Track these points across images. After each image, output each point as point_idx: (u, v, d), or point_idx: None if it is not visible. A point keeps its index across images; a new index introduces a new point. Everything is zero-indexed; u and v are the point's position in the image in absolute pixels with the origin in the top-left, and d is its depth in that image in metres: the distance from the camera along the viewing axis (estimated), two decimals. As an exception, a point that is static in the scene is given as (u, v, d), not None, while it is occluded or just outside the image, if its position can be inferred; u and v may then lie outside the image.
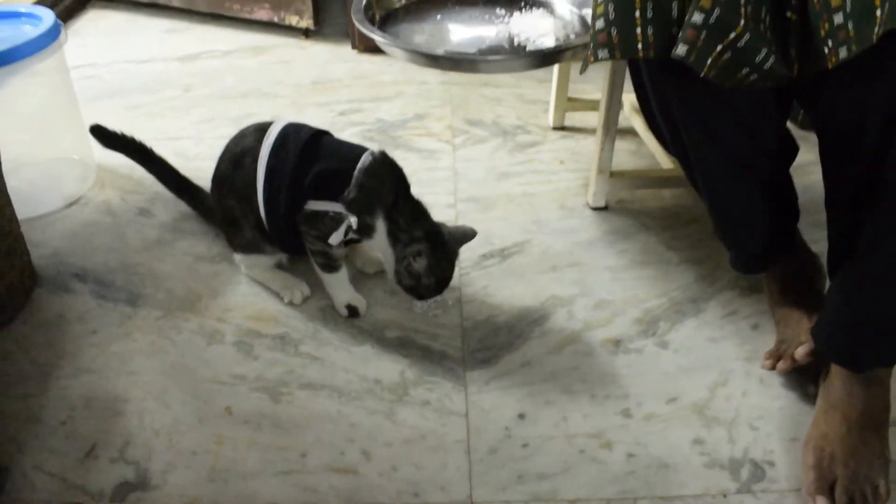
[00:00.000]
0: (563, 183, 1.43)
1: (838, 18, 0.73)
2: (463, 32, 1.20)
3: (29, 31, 1.27)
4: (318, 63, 1.91)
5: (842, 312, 0.90)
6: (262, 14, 2.04)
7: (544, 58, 1.10)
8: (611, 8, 0.82)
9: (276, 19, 2.03)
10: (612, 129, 1.26)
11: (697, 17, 0.76)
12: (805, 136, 1.32)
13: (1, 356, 1.07)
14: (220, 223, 1.20)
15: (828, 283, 0.94)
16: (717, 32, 0.76)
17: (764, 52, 0.77)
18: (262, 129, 1.10)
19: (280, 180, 1.05)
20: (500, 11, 1.26)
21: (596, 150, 1.28)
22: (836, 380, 0.93)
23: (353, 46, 1.96)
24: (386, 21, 1.28)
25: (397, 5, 1.31)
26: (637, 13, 0.80)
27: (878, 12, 0.69)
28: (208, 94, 1.76)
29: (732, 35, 0.76)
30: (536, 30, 1.17)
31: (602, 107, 1.24)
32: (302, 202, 1.05)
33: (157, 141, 1.46)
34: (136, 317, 1.14)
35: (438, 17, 1.28)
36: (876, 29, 0.69)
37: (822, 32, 0.74)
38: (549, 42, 1.13)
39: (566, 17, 1.23)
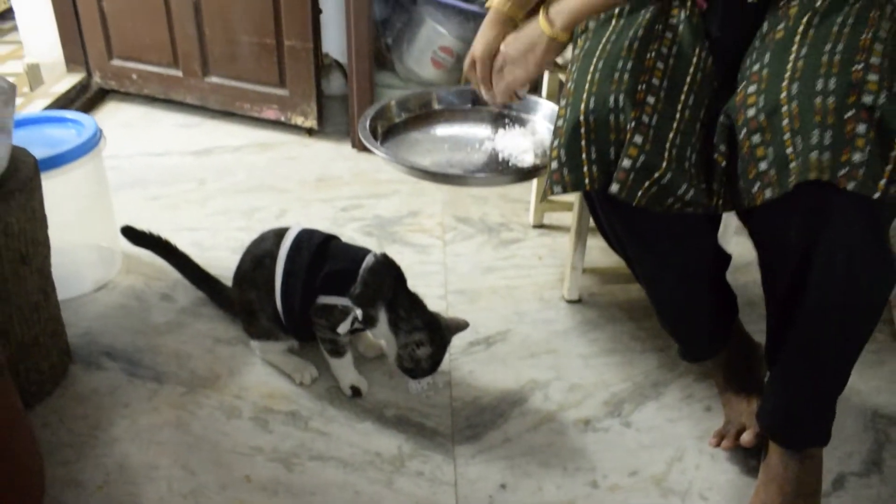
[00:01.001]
0: (542, 277, 1.60)
1: (763, 165, 0.91)
2: (454, 147, 1.38)
3: (75, 136, 1.45)
4: (321, 160, 2.10)
5: (780, 400, 1.07)
6: (270, 113, 2.24)
7: (524, 174, 1.29)
8: (562, 153, 1.01)
9: (282, 118, 2.23)
10: (584, 233, 1.44)
11: (626, 162, 0.96)
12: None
13: (43, 426, 1.20)
14: (239, 313, 1.36)
15: (767, 371, 1.11)
16: (643, 172, 0.95)
17: (685, 186, 0.96)
18: (279, 234, 1.28)
19: (296, 279, 1.22)
20: (486, 128, 1.45)
21: (569, 251, 1.47)
22: (775, 455, 1.09)
23: (353, 145, 2.16)
24: (387, 134, 1.46)
25: (397, 120, 1.49)
26: (583, 156, 1.00)
27: (793, 164, 0.88)
28: (221, 188, 1.94)
29: (657, 174, 0.95)
30: (518, 147, 1.36)
31: (574, 214, 1.43)
32: (314, 297, 1.21)
33: (176, 232, 1.63)
34: (163, 392, 1.28)
35: (432, 131, 1.47)
36: (791, 178, 0.88)
37: (751, 175, 0.93)
38: (528, 159, 1.31)
39: (545, 135, 1.42)
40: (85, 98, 2.43)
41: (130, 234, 1.49)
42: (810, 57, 0.92)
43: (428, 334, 1.20)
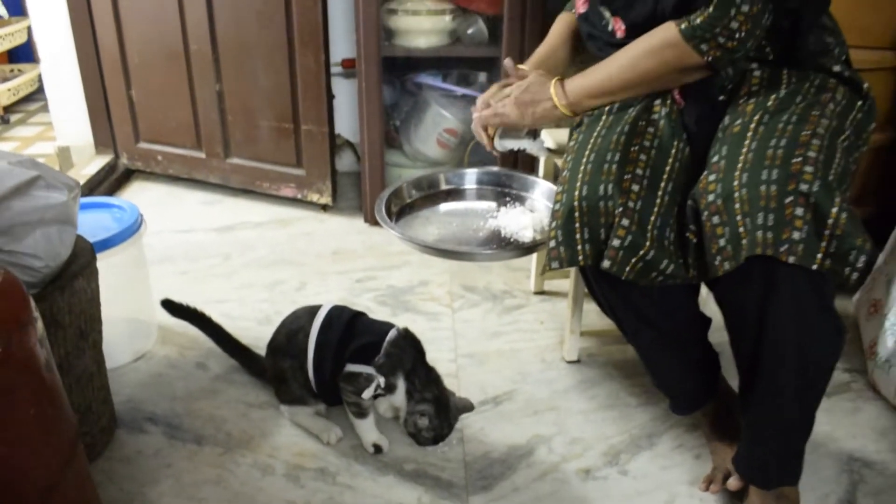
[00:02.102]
0: (543, 340, 1.75)
1: (722, 242, 1.07)
2: (462, 224, 1.54)
3: (119, 221, 1.61)
4: (336, 234, 2.26)
5: (751, 446, 1.21)
6: (288, 191, 2.41)
7: (526, 249, 1.44)
8: (559, 233, 1.17)
9: (299, 196, 2.40)
10: (580, 299, 1.59)
11: (616, 242, 1.11)
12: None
13: (96, 485, 1.33)
14: (272, 380, 1.50)
15: (744, 420, 1.25)
16: (630, 251, 1.11)
17: (666, 261, 1.12)
18: (312, 311, 1.43)
19: (327, 350, 1.37)
20: (489, 206, 1.61)
21: (568, 315, 1.62)
22: (755, 496, 1.23)
23: (366, 220, 2.32)
24: (400, 213, 1.62)
25: (409, 200, 1.65)
26: (577, 236, 1.16)
27: (744, 241, 1.04)
28: (245, 263, 2.09)
29: (641, 252, 1.11)
30: (518, 224, 1.51)
31: (571, 282, 1.59)
32: (343, 366, 1.36)
33: (206, 304, 1.77)
34: (202, 453, 1.41)
35: (441, 209, 1.62)
36: (743, 253, 1.04)
37: (713, 250, 1.08)
38: (528, 234, 1.47)
39: (543, 212, 1.58)
40: (112, 179, 2.61)
41: (169, 306, 1.64)
42: (759, 150, 1.08)
43: (433, 408, 1.35)
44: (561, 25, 1.49)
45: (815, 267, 1.02)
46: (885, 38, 1.73)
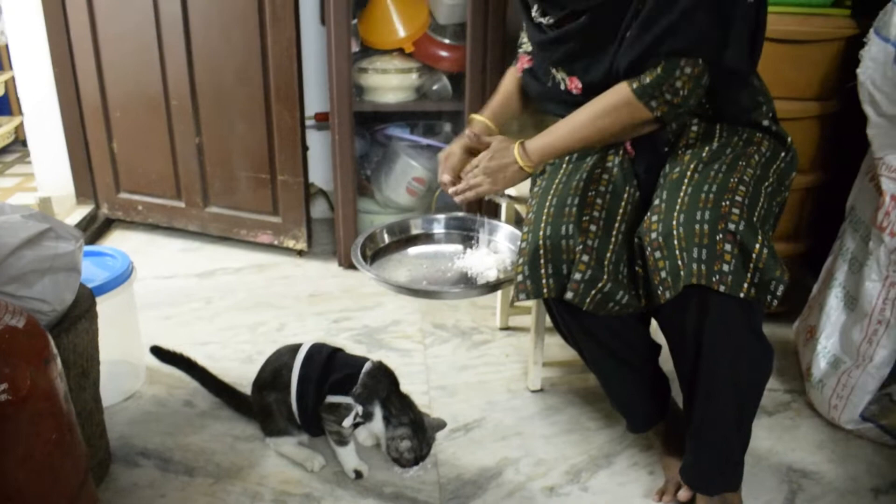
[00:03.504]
0: (509, 372, 1.89)
1: (663, 274, 1.23)
2: (431, 266, 1.67)
3: (112, 268, 1.72)
4: (312, 278, 2.39)
5: (693, 457, 1.36)
6: (265, 238, 2.53)
7: (491, 287, 1.58)
8: (526, 269, 1.32)
9: (276, 242, 2.53)
10: (542, 332, 1.74)
11: (577, 276, 1.26)
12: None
13: (95, 516, 1.43)
14: (257, 414, 1.61)
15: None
16: (589, 284, 1.26)
17: (621, 293, 1.27)
18: (293, 349, 1.56)
19: (309, 384, 1.50)
20: (456, 248, 1.75)
21: (531, 348, 1.76)
22: (702, 503, 1.36)
23: (340, 264, 2.45)
24: (374, 256, 1.75)
25: (381, 245, 1.78)
26: (542, 271, 1.30)
27: (682, 273, 1.19)
28: (226, 306, 2.21)
29: (600, 284, 1.26)
30: (484, 264, 1.65)
31: (533, 317, 1.73)
32: (324, 398, 1.48)
33: (190, 346, 1.89)
34: (194, 484, 1.51)
35: (412, 252, 1.76)
36: (681, 283, 1.19)
37: (656, 281, 1.24)
38: (493, 274, 1.61)
39: (506, 253, 1.72)
40: (94, 228, 2.71)
41: (158, 353, 1.75)
42: (693, 195, 1.25)
43: (410, 430, 1.46)
44: (510, 79, 1.64)
45: (742, 295, 1.17)
46: (809, 91, 1.92)
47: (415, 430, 1.47)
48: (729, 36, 1.28)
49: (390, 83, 2.34)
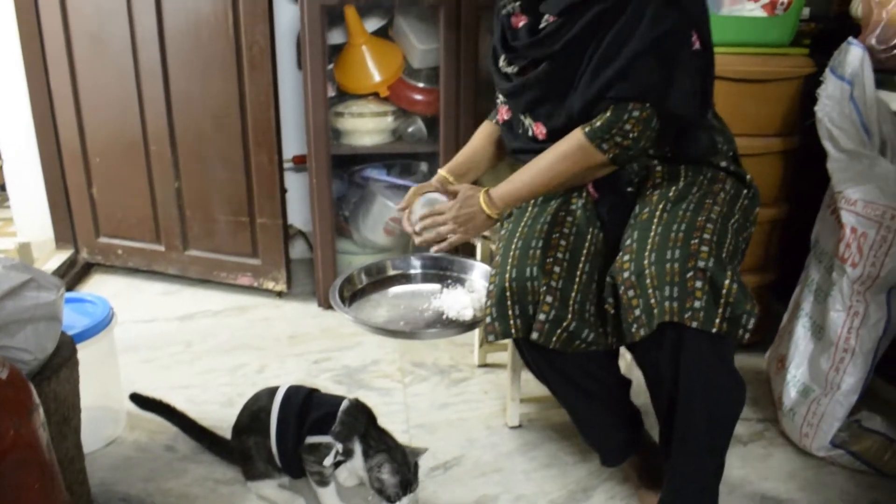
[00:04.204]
0: (488, 409, 1.91)
1: (637, 312, 1.27)
2: (409, 306, 1.70)
3: (93, 315, 1.73)
4: (292, 319, 2.41)
5: (672, 488, 1.39)
6: (245, 280, 2.56)
7: (467, 327, 1.61)
8: (494, 310, 1.36)
9: (255, 284, 2.55)
10: (519, 369, 1.77)
11: (542, 316, 1.30)
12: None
13: (77, 564, 1.44)
14: (238, 459, 1.62)
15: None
16: (555, 324, 1.30)
17: (587, 331, 1.31)
18: (271, 392, 1.57)
19: (288, 425, 1.51)
20: (433, 288, 1.78)
21: (508, 384, 1.79)
22: (677, 533, 1.40)
23: (320, 304, 2.48)
24: (353, 297, 1.78)
25: (359, 286, 1.81)
26: (509, 312, 1.34)
27: (655, 311, 1.23)
28: (207, 349, 2.22)
29: (565, 324, 1.30)
30: (460, 303, 1.68)
31: (509, 354, 1.76)
32: (303, 438, 1.50)
33: (171, 390, 1.90)
34: (176, 528, 1.53)
35: (389, 293, 1.79)
36: (654, 320, 1.23)
37: (630, 319, 1.28)
38: (469, 313, 1.64)
39: (481, 291, 1.76)
40: (73, 273, 2.72)
41: (138, 400, 1.76)
42: (663, 234, 1.29)
43: (388, 455, 1.47)
44: (482, 134, 1.70)
45: (714, 330, 1.22)
46: (771, 127, 1.99)
47: (392, 456, 1.47)
48: (673, 83, 1.34)
49: (366, 126, 2.39)
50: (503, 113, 1.59)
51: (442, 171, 1.67)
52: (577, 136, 1.39)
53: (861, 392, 1.69)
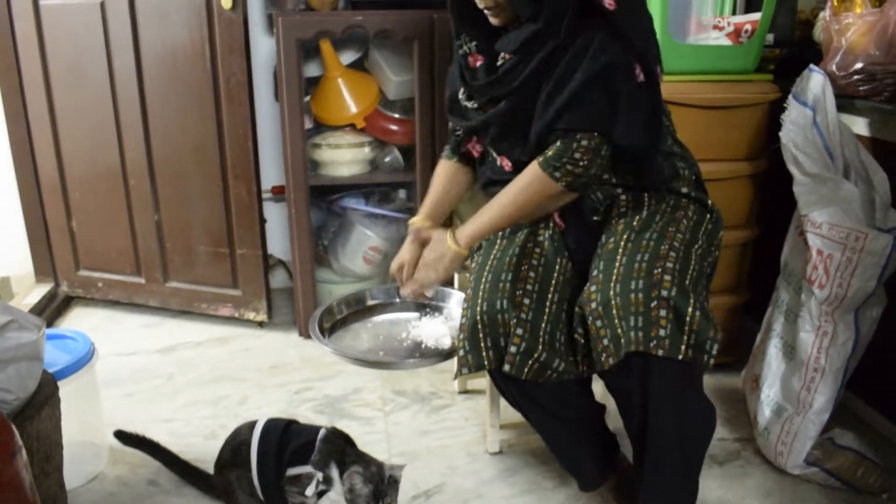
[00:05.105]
0: (468, 436, 1.94)
1: (605, 341, 1.30)
2: (388, 336, 1.72)
3: (74, 351, 1.74)
4: (273, 349, 2.43)
5: (647, 509, 1.41)
6: (226, 311, 2.57)
7: (446, 356, 1.64)
8: (466, 343, 1.39)
9: (236, 315, 2.56)
10: (498, 396, 1.79)
11: (513, 348, 1.34)
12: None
13: None
14: (221, 494, 1.63)
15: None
16: (525, 355, 1.33)
17: (557, 361, 1.34)
18: (250, 426, 1.59)
19: (268, 457, 1.53)
20: (411, 317, 1.80)
21: (487, 412, 1.81)
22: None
23: (300, 334, 2.50)
24: (332, 328, 1.80)
25: (339, 316, 1.83)
26: (482, 345, 1.37)
27: (622, 341, 1.27)
28: (188, 381, 2.23)
29: (536, 355, 1.33)
30: (438, 332, 1.71)
31: (488, 380, 1.79)
32: (284, 470, 1.51)
33: (153, 423, 1.91)
34: (160, 564, 1.53)
35: (369, 323, 1.81)
36: (622, 350, 1.26)
37: (599, 349, 1.31)
38: (447, 342, 1.67)
39: (459, 319, 1.78)
40: (53, 306, 2.72)
41: (122, 436, 1.77)
42: (628, 264, 1.33)
43: (361, 468, 1.48)
44: (443, 174, 1.73)
45: (680, 357, 1.25)
46: (739, 152, 2.04)
47: (366, 467, 1.48)
48: (618, 114, 1.38)
49: (344, 157, 2.42)
50: (475, 150, 1.63)
51: (419, 220, 1.67)
52: (532, 167, 1.44)
53: (832, 410, 1.73)
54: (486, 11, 1.44)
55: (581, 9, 1.35)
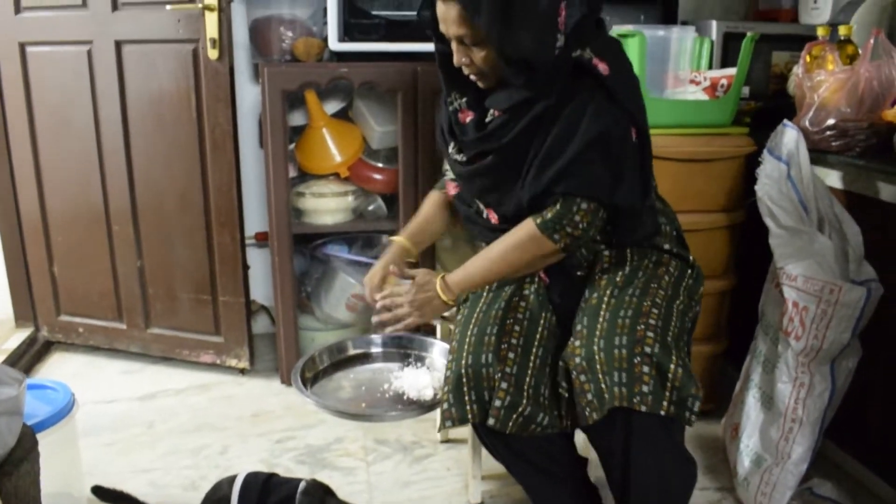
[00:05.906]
0: (450, 486, 1.94)
1: (589, 396, 1.32)
2: (370, 388, 1.72)
3: (54, 402, 1.73)
4: (255, 397, 2.42)
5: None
6: (207, 358, 2.56)
7: (428, 407, 1.64)
8: (450, 397, 1.40)
9: (218, 361, 2.56)
10: (479, 447, 1.80)
11: (497, 402, 1.35)
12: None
13: None
14: (201, 548, 1.62)
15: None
16: (510, 409, 1.34)
17: (542, 415, 1.35)
18: (230, 480, 1.59)
19: (249, 512, 1.52)
20: (393, 366, 1.81)
21: (470, 462, 1.81)
22: None
23: (282, 381, 2.49)
24: (314, 379, 1.80)
25: (321, 367, 1.83)
26: (466, 398, 1.39)
27: (606, 396, 1.28)
28: (169, 430, 2.21)
29: (520, 409, 1.34)
30: (419, 383, 1.72)
31: (471, 431, 1.79)
32: (266, 525, 1.51)
33: (132, 474, 1.89)
34: None
35: (351, 374, 1.81)
36: (605, 405, 1.28)
37: (583, 403, 1.33)
38: (429, 393, 1.67)
39: (441, 370, 1.79)
40: (33, 351, 2.70)
41: (100, 493, 1.75)
42: (611, 320, 1.35)
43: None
44: (431, 202, 1.75)
45: (662, 413, 1.27)
46: (717, 203, 2.08)
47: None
48: (620, 177, 1.41)
49: (327, 206, 2.44)
50: (451, 188, 1.66)
51: (401, 239, 1.69)
52: (528, 227, 1.45)
53: (810, 460, 1.74)
54: (472, 77, 1.47)
55: (573, 72, 1.39)
